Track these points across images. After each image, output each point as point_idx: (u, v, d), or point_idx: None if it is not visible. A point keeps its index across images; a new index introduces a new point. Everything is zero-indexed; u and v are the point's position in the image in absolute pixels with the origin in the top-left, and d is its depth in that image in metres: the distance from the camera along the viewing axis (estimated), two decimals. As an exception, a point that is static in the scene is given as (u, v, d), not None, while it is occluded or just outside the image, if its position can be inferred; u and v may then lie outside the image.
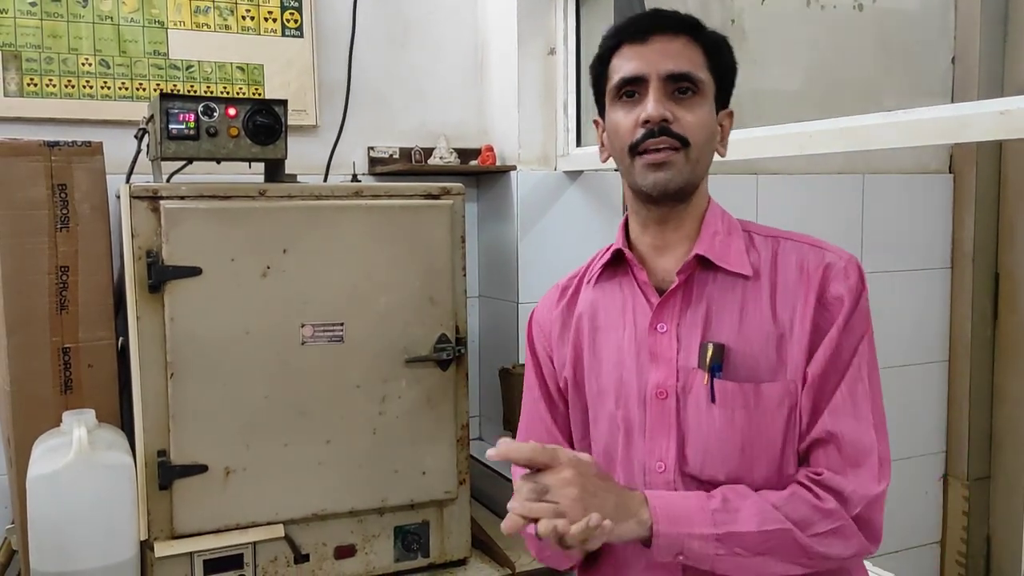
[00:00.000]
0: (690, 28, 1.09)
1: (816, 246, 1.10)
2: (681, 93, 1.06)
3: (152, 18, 1.84)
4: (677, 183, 1.06)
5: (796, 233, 1.13)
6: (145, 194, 1.43)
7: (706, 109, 1.08)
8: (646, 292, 1.11)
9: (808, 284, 1.06)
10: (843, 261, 1.07)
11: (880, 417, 1.06)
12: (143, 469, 1.45)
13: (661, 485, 1.07)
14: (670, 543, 0.98)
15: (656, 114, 1.04)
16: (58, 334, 1.54)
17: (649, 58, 1.06)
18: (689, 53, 1.07)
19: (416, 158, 2.08)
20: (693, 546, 0.99)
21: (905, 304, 2.65)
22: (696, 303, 1.08)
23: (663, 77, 1.05)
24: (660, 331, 1.09)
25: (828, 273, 1.06)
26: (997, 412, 2.70)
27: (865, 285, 1.08)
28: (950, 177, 2.70)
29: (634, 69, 1.06)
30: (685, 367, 1.07)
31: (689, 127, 1.05)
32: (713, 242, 1.09)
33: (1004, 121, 1.06)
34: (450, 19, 2.16)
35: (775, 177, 2.44)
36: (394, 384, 1.57)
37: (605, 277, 1.16)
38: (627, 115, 1.07)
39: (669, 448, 1.07)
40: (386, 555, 1.63)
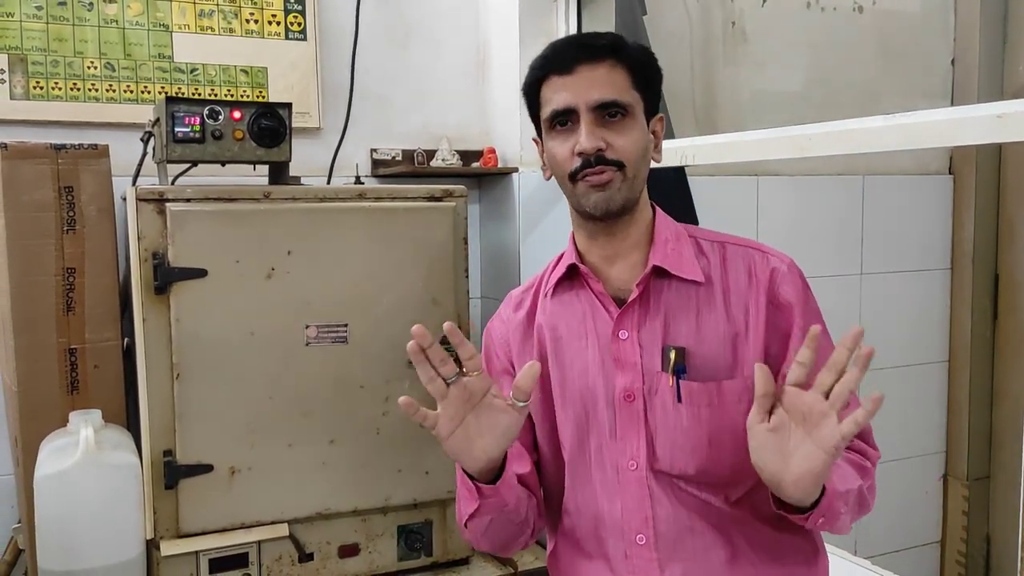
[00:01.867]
0: (612, 52, 1.11)
1: (759, 250, 1.16)
2: (611, 117, 1.10)
3: (157, 21, 1.86)
4: (618, 202, 1.11)
5: (737, 237, 1.19)
6: (151, 196, 1.44)
7: (636, 128, 1.11)
8: (604, 302, 1.15)
9: (758, 287, 1.13)
10: (785, 265, 1.15)
11: None
12: (149, 469, 1.46)
13: (634, 483, 1.12)
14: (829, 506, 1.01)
15: (590, 147, 1.08)
16: (65, 335, 1.55)
17: (576, 89, 1.09)
18: (614, 78, 1.10)
19: (419, 160, 2.09)
20: (834, 504, 1.01)
21: (905, 305, 2.66)
22: (654, 311, 1.13)
23: (592, 107, 1.09)
24: (622, 338, 1.13)
25: (775, 277, 1.13)
26: (997, 412, 2.71)
27: (808, 284, 1.16)
28: (950, 178, 2.71)
29: (563, 101, 1.10)
30: (650, 371, 1.11)
31: (622, 151, 1.09)
32: (666, 251, 1.14)
33: (1001, 124, 1.08)
34: (452, 21, 2.17)
35: (776, 179, 2.45)
36: (397, 384, 1.58)
37: (562, 289, 1.19)
38: (563, 144, 1.11)
39: (640, 447, 1.11)
40: (389, 554, 1.64)
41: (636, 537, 1.11)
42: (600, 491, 1.14)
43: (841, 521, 1.04)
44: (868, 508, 1.11)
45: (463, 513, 1.14)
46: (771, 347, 1.12)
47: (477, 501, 1.09)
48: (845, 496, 1.03)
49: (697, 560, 1.10)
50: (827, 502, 1.00)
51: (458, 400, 1.03)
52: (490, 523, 1.13)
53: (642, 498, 1.11)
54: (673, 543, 1.11)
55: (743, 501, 1.12)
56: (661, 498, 1.11)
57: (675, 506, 1.11)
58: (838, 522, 1.03)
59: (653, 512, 1.11)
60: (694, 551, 1.11)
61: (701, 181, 2.24)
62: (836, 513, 1.02)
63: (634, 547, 1.12)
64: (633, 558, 1.11)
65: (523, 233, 2.05)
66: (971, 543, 2.72)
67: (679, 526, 1.11)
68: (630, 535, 1.12)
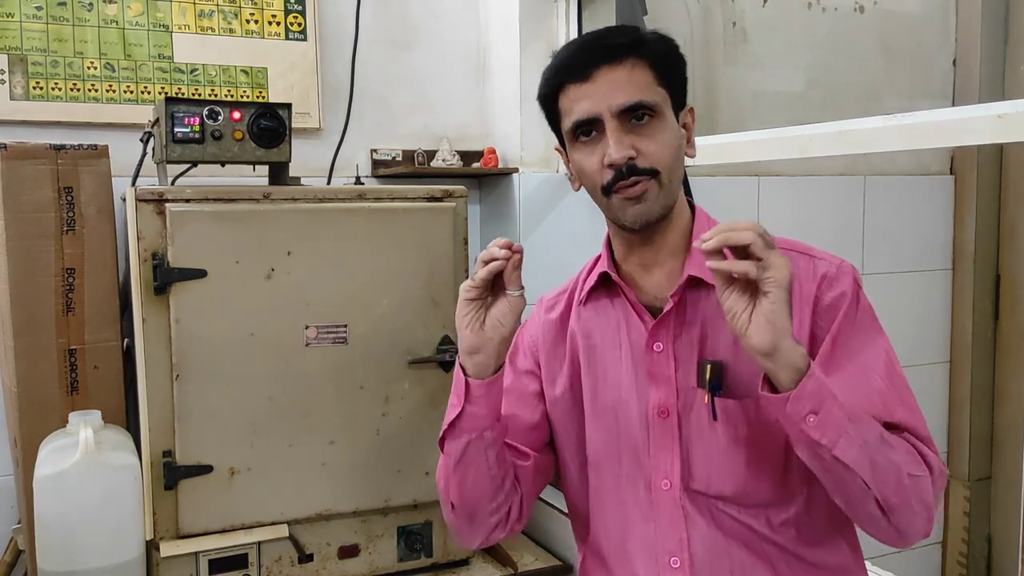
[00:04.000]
0: (631, 49, 1.04)
1: (807, 254, 1.08)
2: (639, 120, 1.03)
3: (157, 22, 1.86)
4: (656, 212, 1.05)
5: (785, 240, 1.10)
6: (151, 197, 1.44)
7: (667, 128, 1.05)
8: (638, 312, 1.10)
9: (802, 296, 1.05)
10: (834, 268, 1.07)
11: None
12: (149, 469, 1.46)
13: (668, 503, 1.06)
14: (817, 393, 0.90)
15: (620, 157, 1.01)
16: (64, 336, 1.55)
17: (597, 96, 1.02)
18: (637, 77, 1.03)
19: (419, 160, 2.09)
20: (832, 410, 0.90)
21: (906, 305, 2.66)
22: (691, 322, 1.07)
23: (616, 113, 1.02)
24: (656, 350, 1.08)
25: (823, 283, 1.05)
26: (998, 413, 2.70)
27: (859, 284, 1.07)
28: (951, 179, 2.71)
29: (585, 111, 1.03)
30: (685, 386, 1.06)
31: (655, 156, 1.03)
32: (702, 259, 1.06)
33: (1001, 125, 1.08)
34: (452, 22, 2.17)
35: (776, 179, 2.45)
36: (397, 385, 1.58)
37: (596, 296, 1.15)
38: (590, 156, 1.05)
39: (674, 465, 1.06)
40: (389, 555, 1.64)
41: (670, 560, 1.06)
42: (632, 510, 1.09)
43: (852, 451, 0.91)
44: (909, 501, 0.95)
45: (444, 425, 1.08)
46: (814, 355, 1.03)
47: (461, 405, 1.05)
48: (854, 418, 0.92)
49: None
50: (814, 388, 0.90)
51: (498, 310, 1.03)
52: (466, 447, 1.06)
53: (676, 519, 1.06)
54: (709, 567, 1.05)
55: (786, 525, 1.05)
56: (697, 519, 1.05)
57: (712, 528, 1.05)
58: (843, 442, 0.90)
59: (688, 534, 1.05)
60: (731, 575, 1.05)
61: (702, 181, 2.23)
62: (837, 425, 0.90)
63: (668, 570, 1.06)
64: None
65: (523, 233, 2.05)
66: (972, 544, 2.72)
67: (716, 549, 1.05)
68: (663, 558, 1.06)
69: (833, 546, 1.07)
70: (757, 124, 1.64)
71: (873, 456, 0.93)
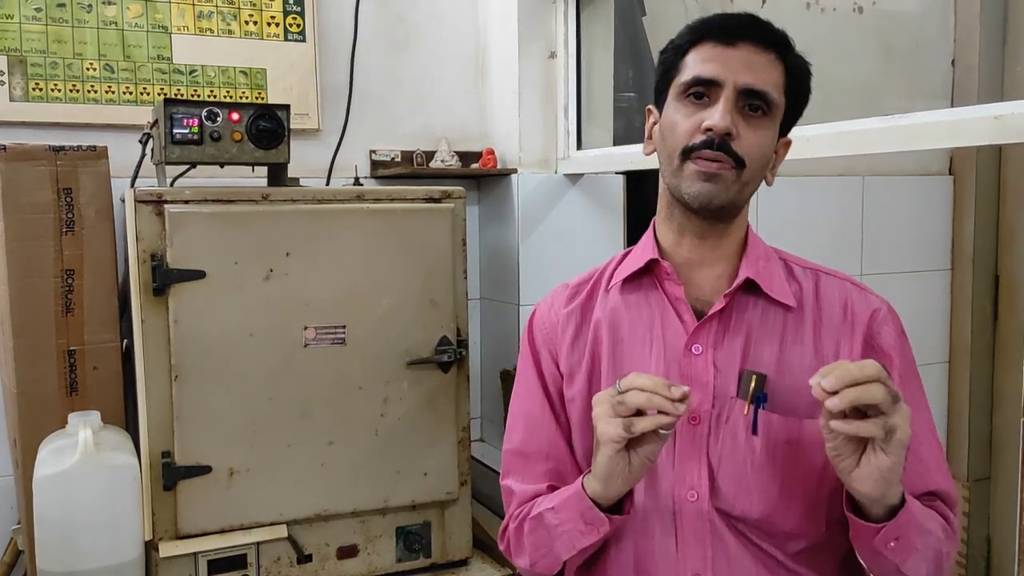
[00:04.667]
0: (781, 46, 1.02)
1: (858, 287, 1.07)
2: (752, 110, 1.00)
3: (156, 23, 1.86)
4: (722, 200, 1.00)
5: (834, 270, 1.10)
6: (149, 198, 1.44)
7: (770, 132, 1.02)
8: (679, 309, 1.05)
9: (854, 325, 1.03)
10: (885, 307, 1.06)
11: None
12: (148, 470, 1.46)
13: (694, 517, 1.00)
14: (906, 523, 0.91)
15: (722, 126, 0.97)
16: (63, 336, 1.55)
17: (731, 64, 0.98)
18: (772, 71, 1.00)
19: (418, 161, 2.09)
20: (910, 533, 0.92)
21: (905, 306, 2.61)
22: (736, 329, 1.02)
23: (740, 89, 0.98)
24: (695, 353, 1.02)
25: (876, 318, 1.04)
26: (997, 414, 2.70)
27: (905, 332, 1.07)
28: (950, 179, 2.71)
29: (713, 72, 0.99)
30: (722, 394, 1.01)
31: (749, 148, 0.99)
32: (758, 266, 1.04)
33: (999, 126, 1.07)
34: (451, 23, 2.17)
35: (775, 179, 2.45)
36: (396, 386, 1.59)
37: (629, 286, 1.08)
38: (689, 117, 1.00)
39: (701, 477, 1.00)
40: (388, 555, 1.64)
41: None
42: (653, 521, 1.03)
43: (914, 561, 0.93)
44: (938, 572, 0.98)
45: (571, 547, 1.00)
46: None
47: (600, 534, 0.98)
48: (924, 534, 0.93)
49: None
50: (904, 520, 0.90)
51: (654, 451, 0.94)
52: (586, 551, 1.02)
53: (702, 534, 1.00)
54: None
55: (803, 556, 1.01)
56: (725, 537, 1.00)
57: (739, 549, 1.00)
58: (911, 559, 0.93)
59: (714, 551, 1.00)
60: None
61: (700, 182, 2.24)
62: (911, 545, 0.92)
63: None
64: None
65: (522, 234, 2.05)
66: (972, 544, 2.71)
67: (743, 572, 1.00)
68: (685, 575, 1.01)
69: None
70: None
71: (928, 555, 0.95)
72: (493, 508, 1.95)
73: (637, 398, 0.89)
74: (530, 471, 1.11)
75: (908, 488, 0.96)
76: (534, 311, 1.18)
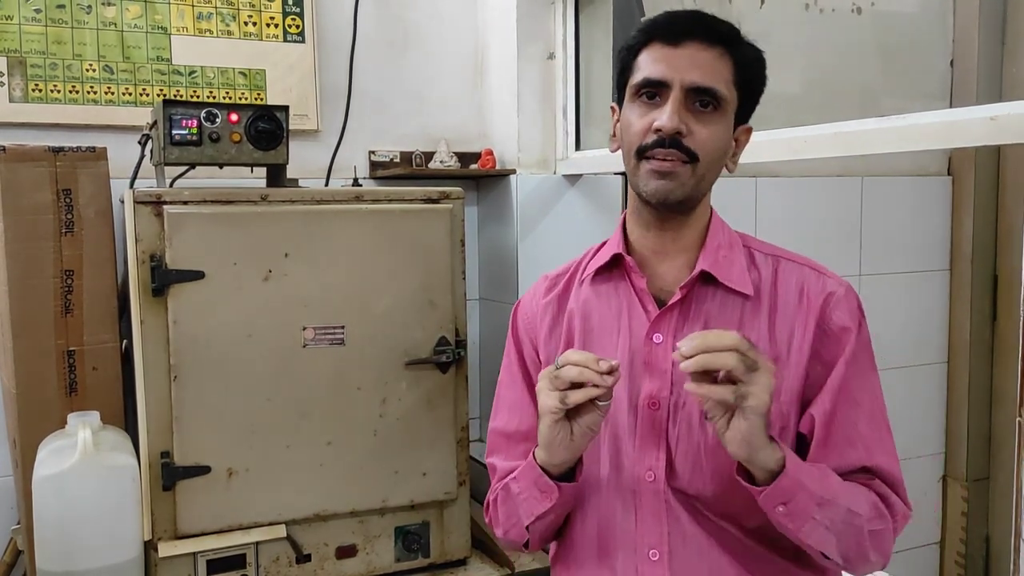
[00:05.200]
0: (727, 41, 1.05)
1: (816, 270, 1.10)
2: (702, 106, 1.03)
3: (155, 24, 1.86)
4: (678, 195, 1.05)
5: (796, 254, 1.12)
6: (149, 199, 1.45)
7: (722, 126, 1.05)
8: (643, 300, 1.10)
9: (808, 309, 1.06)
10: (843, 289, 1.08)
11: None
12: (147, 470, 1.46)
13: (651, 495, 1.06)
14: (789, 488, 0.95)
15: (670, 126, 1.02)
16: (63, 337, 1.56)
17: (676, 64, 1.03)
18: (719, 66, 1.04)
19: (417, 162, 2.09)
20: (801, 500, 0.95)
21: (904, 306, 2.66)
22: (694, 318, 1.07)
23: (686, 88, 1.02)
24: (656, 341, 1.07)
25: (830, 300, 1.06)
26: (996, 413, 2.71)
27: (863, 314, 1.08)
28: (949, 179, 2.71)
29: (659, 72, 1.03)
30: (679, 381, 1.05)
31: (701, 143, 1.03)
32: (717, 257, 1.08)
33: (995, 127, 1.08)
34: (450, 24, 2.17)
35: (775, 180, 2.46)
36: (394, 386, 1.59)
37: (600, 278, 1.14)
38: (642, 117, 1.05)
39: (659, 459, 1.06)
40: (387, 555, 1.65)
41: (649, 552, 1.06)
42: (615, 499, 1.09)
43: (815, 533, 0.97)
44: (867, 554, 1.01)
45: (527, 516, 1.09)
46: (811, 374, 1.05)
47: (552, 500, 1.05)
48: (827, 506, 0.96)
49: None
50: (786, 485, 0.94)
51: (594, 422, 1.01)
52: (552, 521, 1.10)
53: (659, 512, 1.06)
54: (688, 564, 1.05)
55: (760, 533, 1.05)
56: (680, 514, 1.06)
57: (693, 525, 1.06)
58: (807, 528, 0.96)
59: (669, 528, 1.06)
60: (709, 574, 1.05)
61: (699, 182, 2.24)
62: (804, 513, 0.95)
63: (646, 563, 1.06)
64: (645, 574, 1.06)
65: (521, 234, 2.05)
66: (970, 544, 2.72)
67: (696, 547, 1.05)
68: (643, 550, 1.07)
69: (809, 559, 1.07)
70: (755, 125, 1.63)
71: (838, 529, 0.98)
72: (492, 508, 1.95)
73: (570, 372, 0.97)
74: (512, 450, 1.18)
75: (838, 461, 1.03)
76: (519, 301, 1.25)
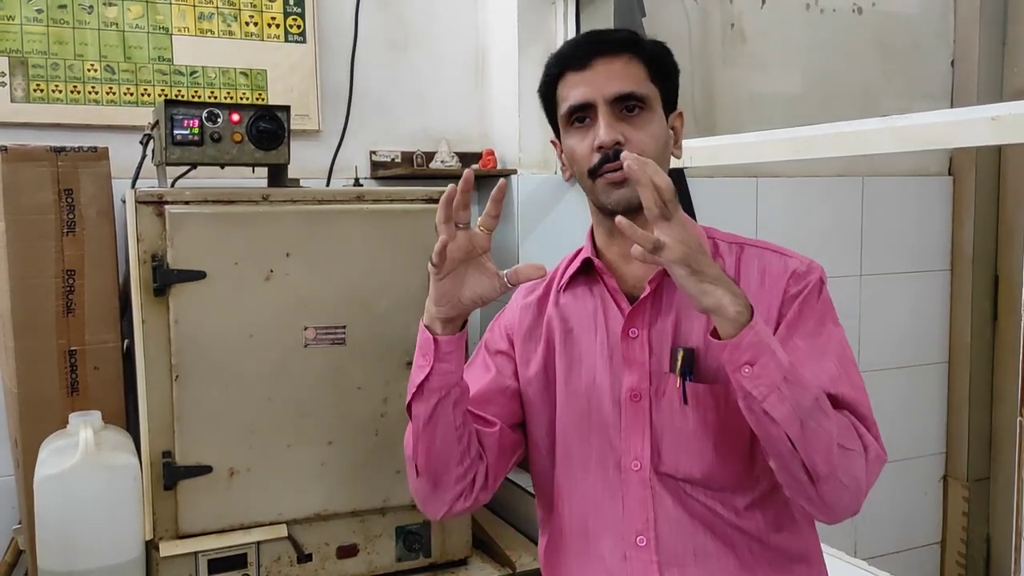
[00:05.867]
0: (628, 46, 1.11)
1: (779, 252, 1.13)
2: (629, 111, 1.09)
3: (157, 24, 1.87)
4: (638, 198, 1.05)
5: (759, 240, 1.16)
6: (150, 199, 1.45)
7: (656, 122, 1.11)
8: (617, 299, 1.14)
9: (772, 289, 1.10)
10: (804, 266, 1.11)
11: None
12: (148, 470, 1.47)
13: (637, 483, 1.10)
14: (754, 345, 0.94)
15: (608, 139, 1.07)
16: (64, 337, 1.56)
17: (593, 83, 1.09)
18: (631, 71, 1.09)
19: (418, 162, 2.10)
20: (768, 364, 0.94)
21: (905, 306, 2.66)
22: (666, 310, 1.11)
23: (609, 100, 1.08)
24: (632, 336, 1.11)
25: (792, 278, 1.10)
26: (997, 413, 2.71)
27: (825, 282, 1.11)
28: (950, 180, 2.72)
29: (580, 96, 1.09)
30: (657, 371, 1.10)
31: (641, 144, 1.08)
32: None
33: (995, 127, 1.08)
34: (451, 24, 2.17)
35: (775, 180, 2.46)
36: (395, 385, 1.59)
37: (576, 283, 1.19)
38: (581, 141, 1.10)
39: (644, 447, 1.10)
40: (388, 555, 1.65)
41: (637, 539, 1.10)
42: (601, 490, 1.13)
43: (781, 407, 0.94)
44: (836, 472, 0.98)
45: (411, 389, 1.09)
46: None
47: (431, 364, 1.06)
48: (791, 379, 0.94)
49: (699, 567, 1.07)
50: (752, 340, 0.93)
51: (461, 248, 1.05)
52: (435, 408, 1.07)
53: (644, 499, 1.09)
54: (675, 548, 1.08)
55: (750, 510, 1.09)
56: (664, 500, 1.09)
57: (679, 509, 1.09)
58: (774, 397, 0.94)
59: (655, 513, 1.09)
60: (696, 557, 1.08)
61: (701, 182, 2.24)
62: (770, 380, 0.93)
63: (634, 549, 1.09)
64: (632, 560, 1.09)
65: (522, 234, 2.05)
66: (971, 544, 2.72)
67: (682, 531, 1.08)
68: (630, 536, 1.10)
69: (796, 532, 1.10)
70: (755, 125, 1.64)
71: (804, 419, 0.95)
72: (493, 508, 1.96)
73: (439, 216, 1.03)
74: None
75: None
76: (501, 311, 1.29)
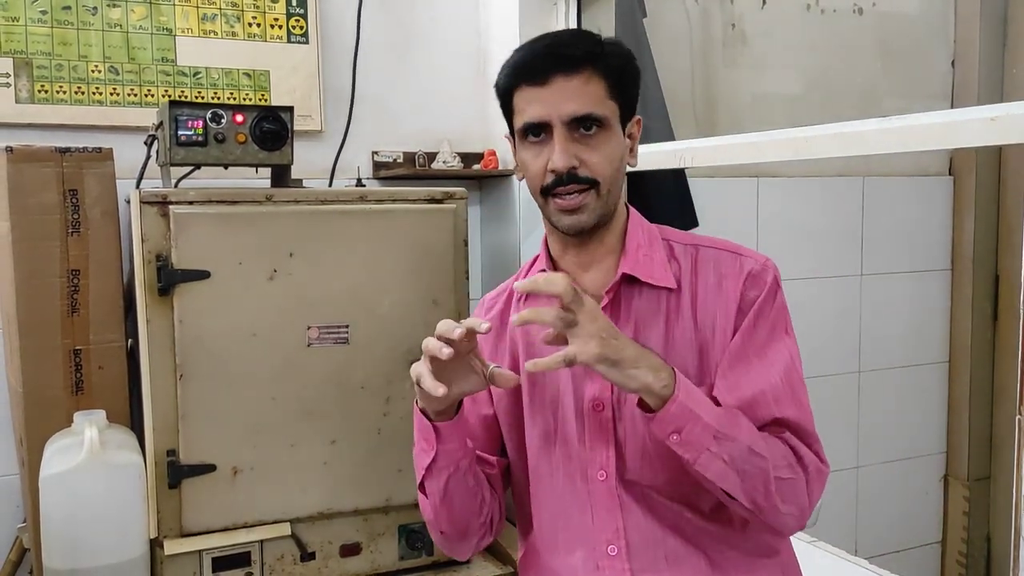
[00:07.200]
0: (588, 61, 1.06)
1: (734, 252, 1.12)
2: (586, 130, 1.06)
3: (160, 25, 1.87)
4: (591, 222, 1.08)
5: (715, 239, 1.15)
6: (155, 199, 1.46)
7: (612, 141, 1.08)
8: None
9: (728, 291, 1.09)
10: (759, 265, 1.11)
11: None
12: (153, 468, 1.47)
13: (604, 493, 1.10)
14: (679, 415, 0.97)
15: (563, 165, 1.04)
16: (69, 336, 1.56)
17: (550, 101, 1.05)
18: (590, 88, 1.05)
19: (420, 162, 2.10)
20: (695, 430, 0.97)
21: (905, 306, 2.67)
22: (625, 319, 1.10)
23: (566, 121, 1.05)
24: None
25: (748, 280, 1.09)
26: (997, 413, 2.71)
27: (779, 285, 1.11)
28: (950, 180, 2.72)
29: (536, 114, 1.06)
30: None
31: (596, 167, 1.06)
32: (637, 257, 1.11)
33: (995, 127, 1.08)
34: (453, 24, 2.18)
35: (776, 180, 2.46)
36: (398, 385, 1.60)
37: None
38: (535, 158, 1.08)
39: (609, 457, 1.09)
40: (391, 553, 1.66)
41: (608, 548, 1.09)
42: (570, 500, 1.12)
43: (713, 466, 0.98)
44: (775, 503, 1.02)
45: (419, 470, 1.11)
46: None
47: (434, 448, 1.07)
48: (726, 441, 0.98)
49: (671, 570, 1.08)
50: (676, 412, 0.96)
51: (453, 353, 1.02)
52: (447, 483, 1.09)
53: (612, 508, 1.10)
54: (646, 554, 1.09)
55: (717, 512, 1.09)
56: (632, 508, 1.09)
57: (647, 516, 1.09)
58: (704, 458, 0.98)
59: (624, 522, 1.09)
60: (667, 562, 1.09)
61: (701, 183, 2.25)
62: (698, 444, 0.97)
63: (606, 558, 1.09)
64: (605, 569, 1.09)
65: (523, 234, 2.06)
66: (972, 543, 2.73)
67: (652, 537, 1.09)
68: (601, 546, 1.10)
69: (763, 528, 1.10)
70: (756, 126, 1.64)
71: (739, 467, 0.99)
72: (495, 507, 1.96)
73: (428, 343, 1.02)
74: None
75: (752, 416, 1.04)
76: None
